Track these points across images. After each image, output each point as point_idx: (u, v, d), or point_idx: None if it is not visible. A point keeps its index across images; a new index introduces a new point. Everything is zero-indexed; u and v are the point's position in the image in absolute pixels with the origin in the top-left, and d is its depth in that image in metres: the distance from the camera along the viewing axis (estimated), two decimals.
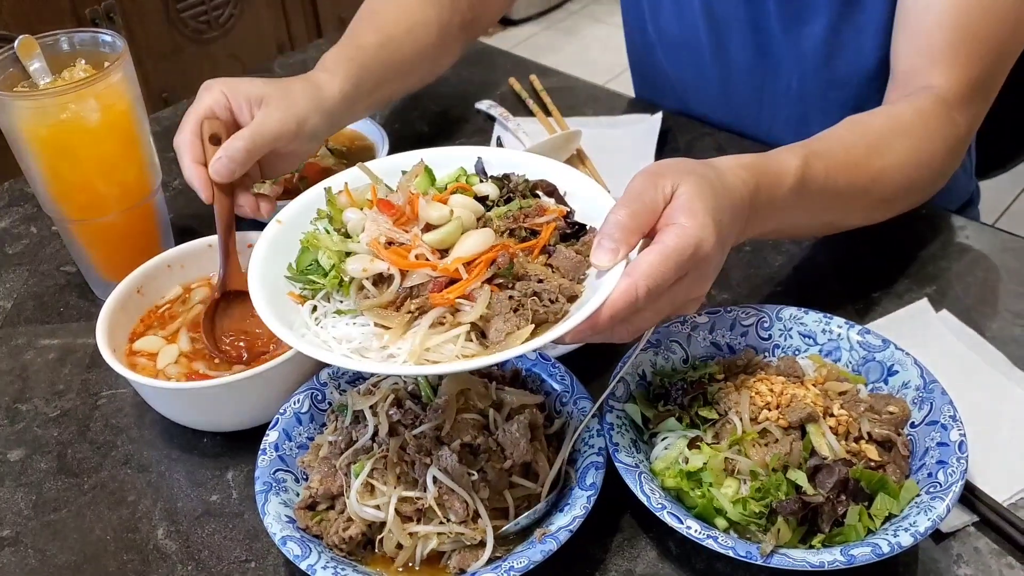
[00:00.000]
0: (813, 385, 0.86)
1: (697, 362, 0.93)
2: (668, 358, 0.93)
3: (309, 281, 0.81)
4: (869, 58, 1.17)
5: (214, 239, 1.04)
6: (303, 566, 0.75)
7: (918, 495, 0.79)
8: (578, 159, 1.31)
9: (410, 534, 0.78)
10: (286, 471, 0.85)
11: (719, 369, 0.90)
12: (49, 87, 1.01)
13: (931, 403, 0.84)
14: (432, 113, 1.46)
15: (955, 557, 0.81)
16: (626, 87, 1.56)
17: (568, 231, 0.83)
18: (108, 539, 0.86)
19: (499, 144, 1.35)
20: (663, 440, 0.85)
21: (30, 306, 1.14)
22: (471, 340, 0.74)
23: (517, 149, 1.31)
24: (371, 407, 0.84)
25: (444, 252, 0.78)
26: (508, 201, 0.85)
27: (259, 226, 0.90)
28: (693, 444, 0.83)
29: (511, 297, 0.75)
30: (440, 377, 0.86)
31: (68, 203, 1.06)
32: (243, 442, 0.93)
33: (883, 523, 0.78)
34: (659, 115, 1.33)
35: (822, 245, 1.14)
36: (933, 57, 1.03)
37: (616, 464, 0.81)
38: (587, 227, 0.84)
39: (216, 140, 1.00)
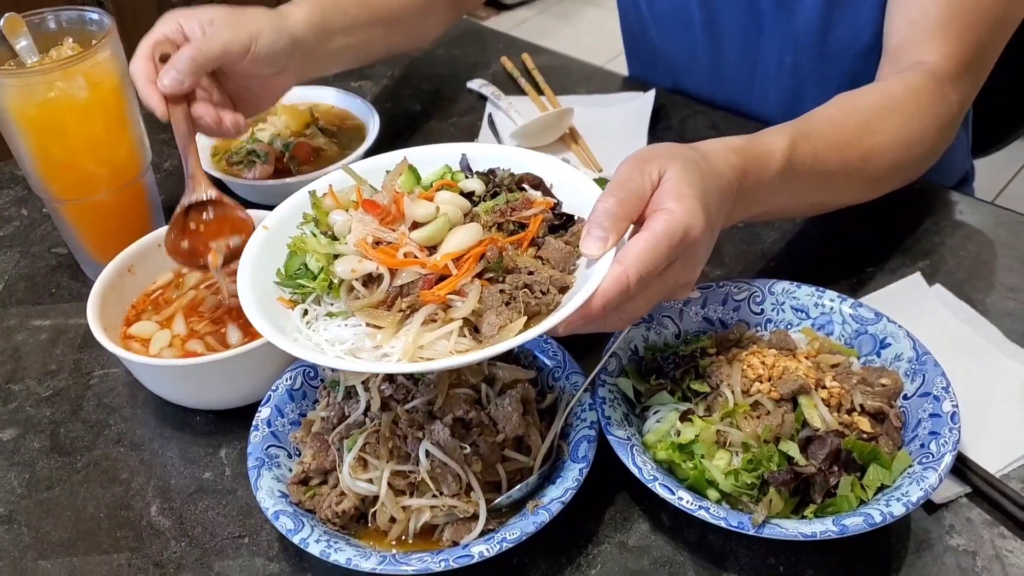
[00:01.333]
0: (805, 358, 0.86)
1: (689, 336, 0.93)
2: (660, 333, 0.93)
3: (298, 285, 0.80)
4: (864, 32, 1.17)
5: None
6: (296, 540, 0.75)
7: (910, 466, 0.79)
8: (571, 137, 1.31)
9: (403, 508, 0.78)
10: (279, 447, 0.85)
11: (711, 343, 0.89)
12: (36, 65, 1.01)
13: (924, 375, 0.85)
14: (423, 92, 1.46)
15: (947, 527, 0.81)
16: (620, 71, 1.55)
17: (556, 223, 0.83)
18: (101, 516, 0.86)
19: (491, 122, 1.34)
20: (655, 413, 0.85)
21: (21, 287, 1.13)
22: (464, 335, 0.74)
23: (509, 128, 1.30)
24: (363, 383, 0.83)
25: (432, 249, 0.78)
26: (494, 196, 0.85)
27: (256, 207, 0.90)
28: (685, 417, 0.83)
29: (502, 291, 0.75)
30: None
31: (58, 183, 1.05)
32: (236, 420, 0.93)
33: (875, 494, 0.78)
34: (652, 93, 1.33)
35: (815, 221, 1.13)
36: (926, 31, 1.02)
37: (608, 437, 0.81)
38: (575, 218, 0.84)
39: (166, 59, 1.01)
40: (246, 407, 0.92)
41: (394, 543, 0.79)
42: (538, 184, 0.87)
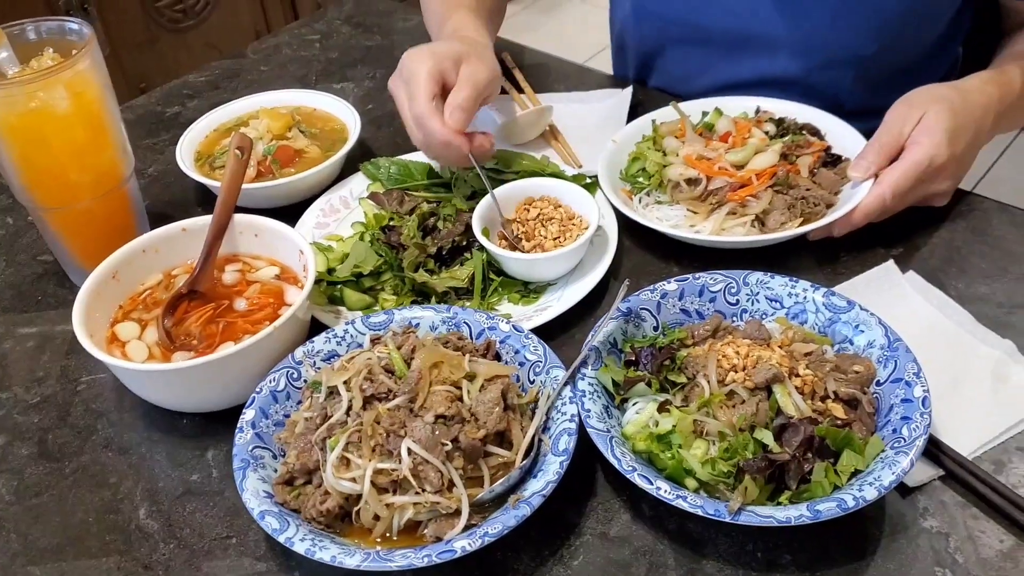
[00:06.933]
0: (779, 347, 0.88)
1: (667, 329, 0.95)
2: (639, 326, 0.94)
3: (636, 182, 1.17)
4: (866, 46, 1.23)
5: (188, 223, 1.05)
6: (281, 539, 0.77)
7: (883, 451, 0.81)
8: (551, 135, 1.32)
9: (387, 505, 0.80)
10: (263, 448, 0.86)
11: (687, 335, 0.91)
12: (17, 76, 1.02)
13: (896, 361, 0.86)
14: None
15: (921, 510, 0.83)
16: (605, 64, 1.57)
17: (828, 160, 1.14)
18: (91, 521, 0.88)
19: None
20: (634, 405, 0.87)
21: (8, 296, 1.14)
22: (754, 227, 1.08)
23: (492, 125, 1.32)
24: (344, 382, 0.85)
25: (738, 168, 1.10)
26: (783, 135, 1.17)
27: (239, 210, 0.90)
28: (663, 408, 0.85)
29: (786, 198, 1.07)
30: (413, 351, 0.87)
31: (41, 191, 1.06)
32: (222, 422, 0.94)
33: (849, 479, 0.80)
34: (629, 90, 1.34)
35: None
36: None
37: (588, 430, 0.82)
38: (842, 157, 1.14)
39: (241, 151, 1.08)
40: (232, 409, 0.93)
41: (379, 540, 0.80)
42: (815, 132, 1.19)
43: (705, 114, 1.25)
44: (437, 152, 1.10)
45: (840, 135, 1.18)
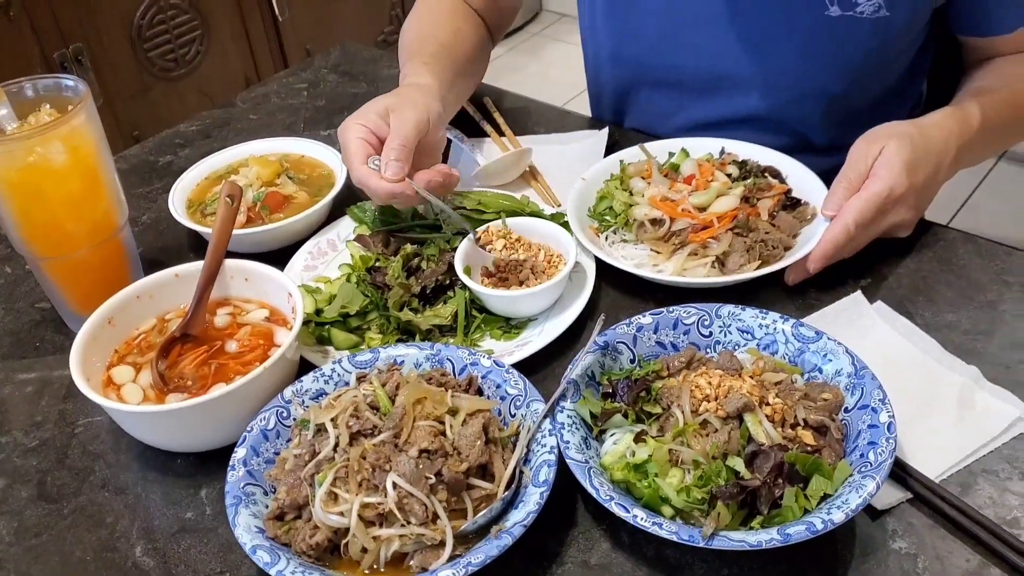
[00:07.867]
0: (750, 377, 0.91)
1: (644, 361, 0.98)
2: (616, 358, 0.98)
3: (603, 219, 1.21)
4: (834, 85, 1.28)
5: (180, 269, 1.09)
6: (272, 573, 0.79)
7: (851, 475, 0.84)
8: (531, 175, 1.36)
9: (374, 538, 0.82)
10: (255, 485, 0.89)
11: (663, 366, 0.94)
12: (15, 132, 1.06)
13: (862, 388, 0.90)
14: None
15: (890, 532, 0.86)
16: (584, 102, 1.62)
17: (788, 203, 1.18)
18: (88, 559, 0.90)
19: (455, 163, 1.40)
20: (611, 436, 0.90)
21: (7, 343, 1.18)
22: (715, 267, 1.12)
23: (473, 167, 1.36)
24: (332, 420, 0.88)
25: (700, 210, 1.15)
26: (745, 178, 1.20)
27: (229, 256, 0.93)
28: (639, 438, 0.88)
29: (744, 241, 1.12)
30: (397, 387, 0.91)
31: (39, 242, 1.10)
32: (215, 461, 0.97)
33: (819, 503, 0.83)
34: (605, 131, 1.39)
35: None
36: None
37: (567, 461, 0.86)
38: (802, 201, 1.19)
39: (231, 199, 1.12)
40: (224, 448, 0.96)
41: (367, 572, 0.83)
42: (776, 175, 1.23)
43: (672, 155, 1.29)
44: (390, 203, 1.15)
45: (801, 178, 1.22)
